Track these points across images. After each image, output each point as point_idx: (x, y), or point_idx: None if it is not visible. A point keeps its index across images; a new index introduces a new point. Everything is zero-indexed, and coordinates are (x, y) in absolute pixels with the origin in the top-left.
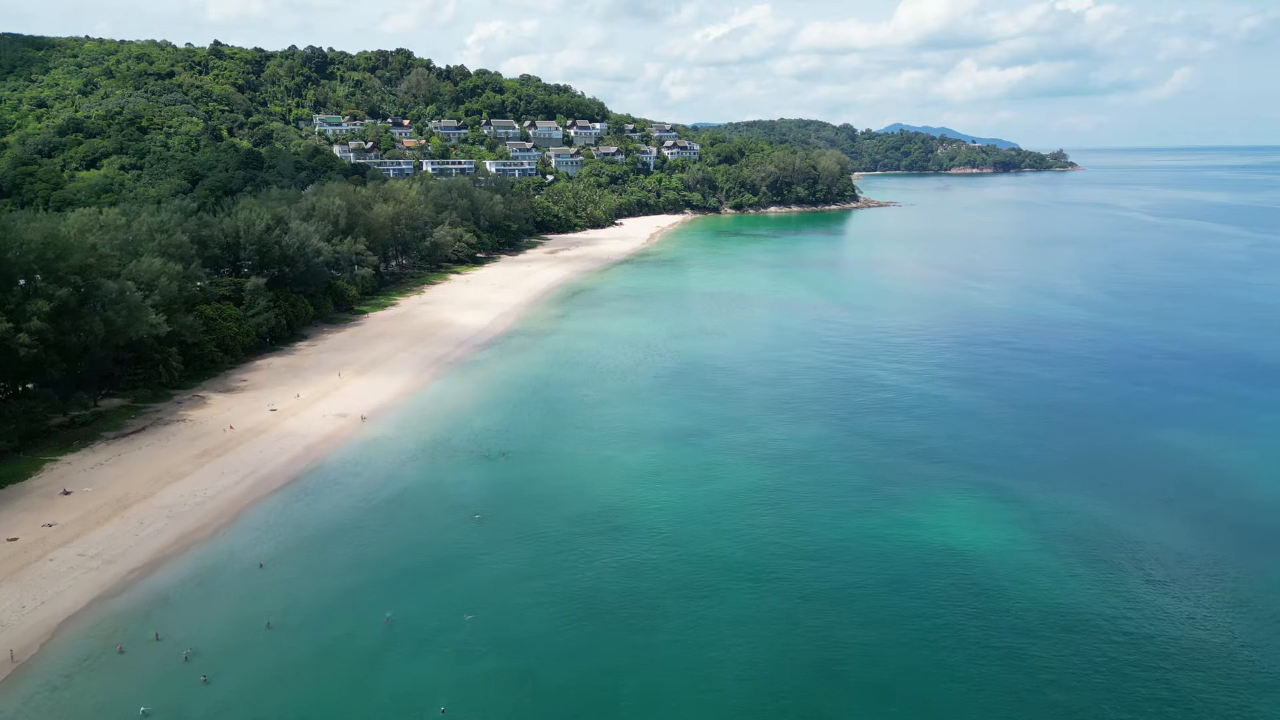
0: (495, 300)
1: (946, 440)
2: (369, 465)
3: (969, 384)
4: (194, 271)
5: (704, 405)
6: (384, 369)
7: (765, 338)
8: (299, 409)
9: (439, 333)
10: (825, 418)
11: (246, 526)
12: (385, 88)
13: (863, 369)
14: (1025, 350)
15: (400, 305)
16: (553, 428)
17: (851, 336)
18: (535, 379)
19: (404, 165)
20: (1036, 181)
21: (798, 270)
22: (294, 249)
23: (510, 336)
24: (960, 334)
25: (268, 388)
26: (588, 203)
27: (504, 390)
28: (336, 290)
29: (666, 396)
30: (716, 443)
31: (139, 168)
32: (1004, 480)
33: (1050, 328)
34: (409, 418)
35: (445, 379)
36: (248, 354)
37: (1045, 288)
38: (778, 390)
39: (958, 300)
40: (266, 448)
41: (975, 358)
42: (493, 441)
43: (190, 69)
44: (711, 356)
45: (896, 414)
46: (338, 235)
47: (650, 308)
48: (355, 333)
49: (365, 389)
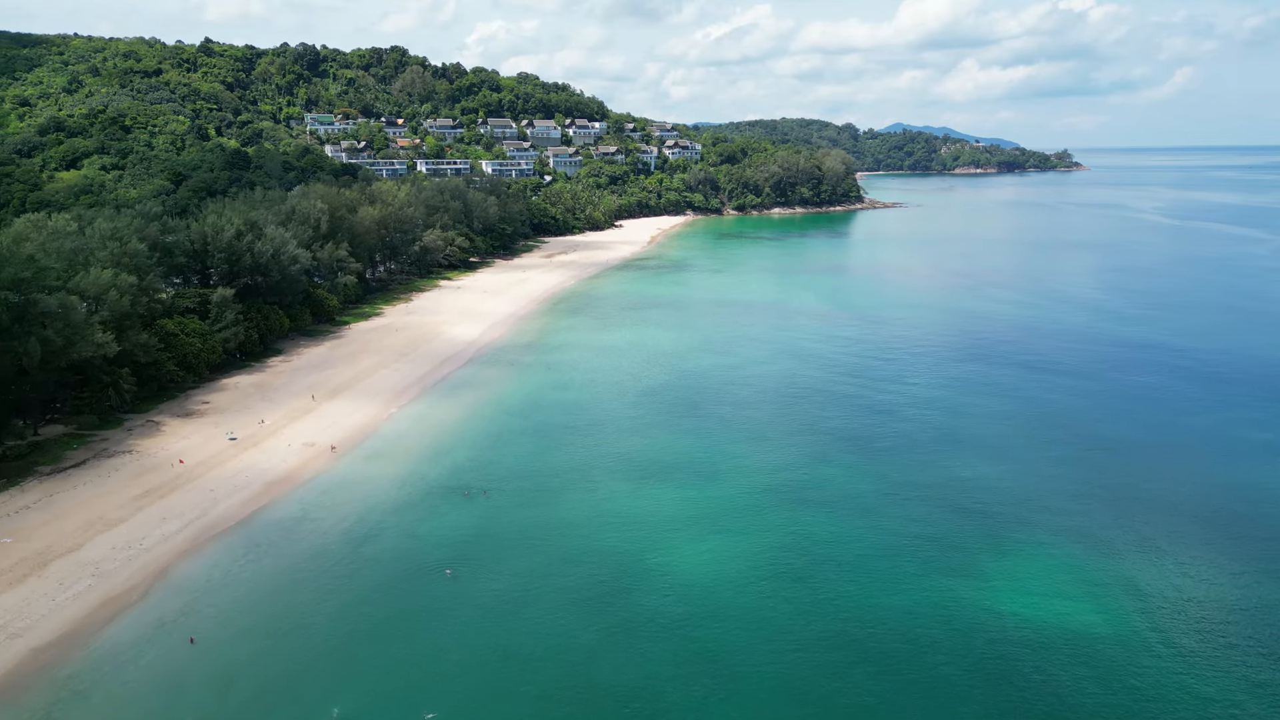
0: (486, 310)
1: (1006, 483)
2: (333, 508)
3: (1011, 418)
4: (151, 283)
5: (712, 437)
6: (361, 389)
7: (778, 356)
8: (262, 437)
9: (424, 346)
10: (851, 456)
11: (183, 587)
12: (379, 86)
13: (887, 394)
14: (1069, 374)
15: (385, 315)
16: (542, 461)
17: (871, 354)
18: (524, 402)
19: (397, 165)
20: (1042, 182)
21: (806, 277)
22: (267, 256)
23: (500, 351)
24: (992, 353)
25: (231, 411)
26: (586, 204)
27: (490, 414)
28: (315, 300)
29: (670, 426)
30: (730, 486)
31: (121, 168)
32: (1095, 532)
33: (1091, 347)
34: (384, 447)
35: (427, 400)
36: (213, 372)
37: (1075, 298)
38: (795, 419)
39: (982, 313)
40: (219, 486)
41: (1012, 382)
42: (475, 476)
43: (178, 66)
44: (718, 378)
45: (936, 450)
46: (319, 241)
47: (651, 319)
48: (334, 347)
49: (339, 413)
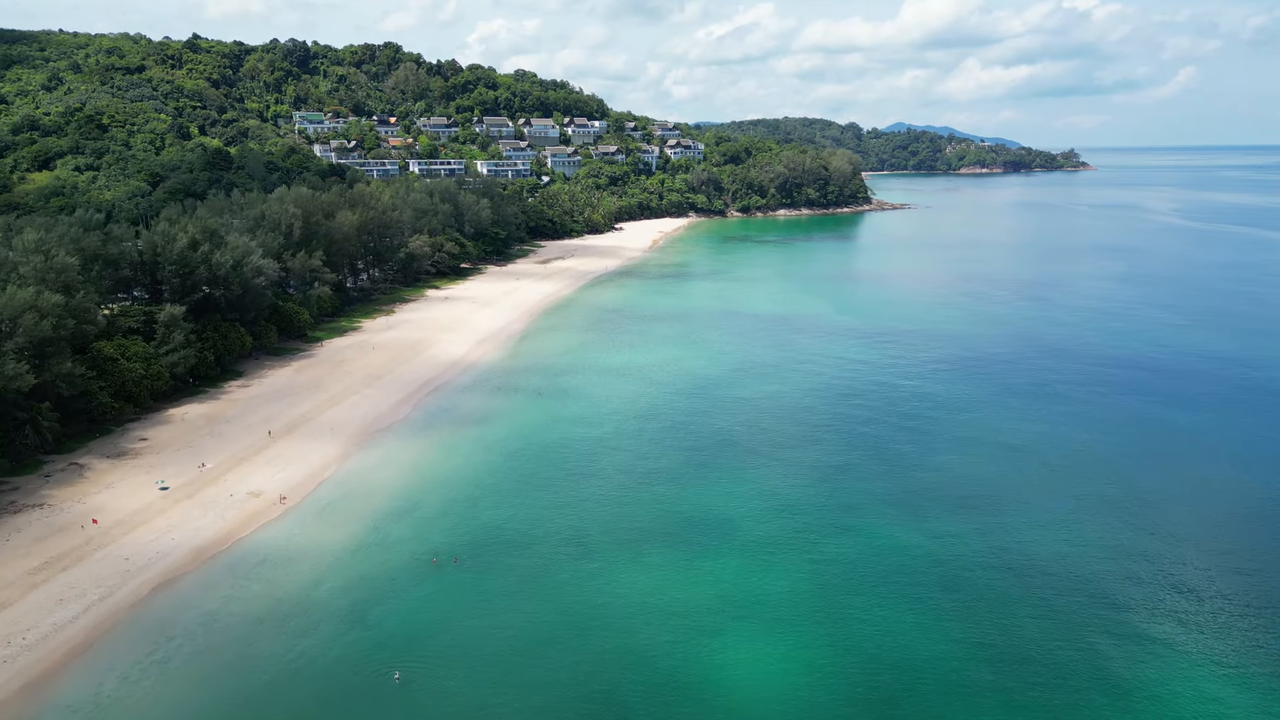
0: (474, 323)
1: (1110, 566)
2: (271, 583)
3: (1109, 465)
4: (84, 302)
5: (738, 489)
6: (325, 422)
7: (802, 380)
8: (200, 485)
9: (401, 368)
10: (900, 515)
11: (63, 707)
12: (372, 83)
13: (947, 432)
14: (1134, 393)
15: (363, 330)
16: (528, 518)
17: (911, 380)
18: (510, 439)
19: (389, 166)
20: (1050, 182)
21: (820, 285)
22: (226, 268)
23: (486, 373)
24: (1044, 377)
25: (170, 451)
26: (585, 206)
27: (469, 455)
28: (284, 315)
29: (686, 474)
30: (771, 560)
31: (96, 169)
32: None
33: (1149, 366)
34: (342, 497)
35: (398, 436)
36: (159, 401)
37: (1116, 309)
38: (822, 462)
39: (1020, 324)
40: (137, 553)
41: (1069, 414)
42: (446, 537)
43: (163, 63)
44: (739, 409)
45: (1037, 511)
46: (290, 249)
47: (656, 335)
48: (302, 368)
49: (295, 452)
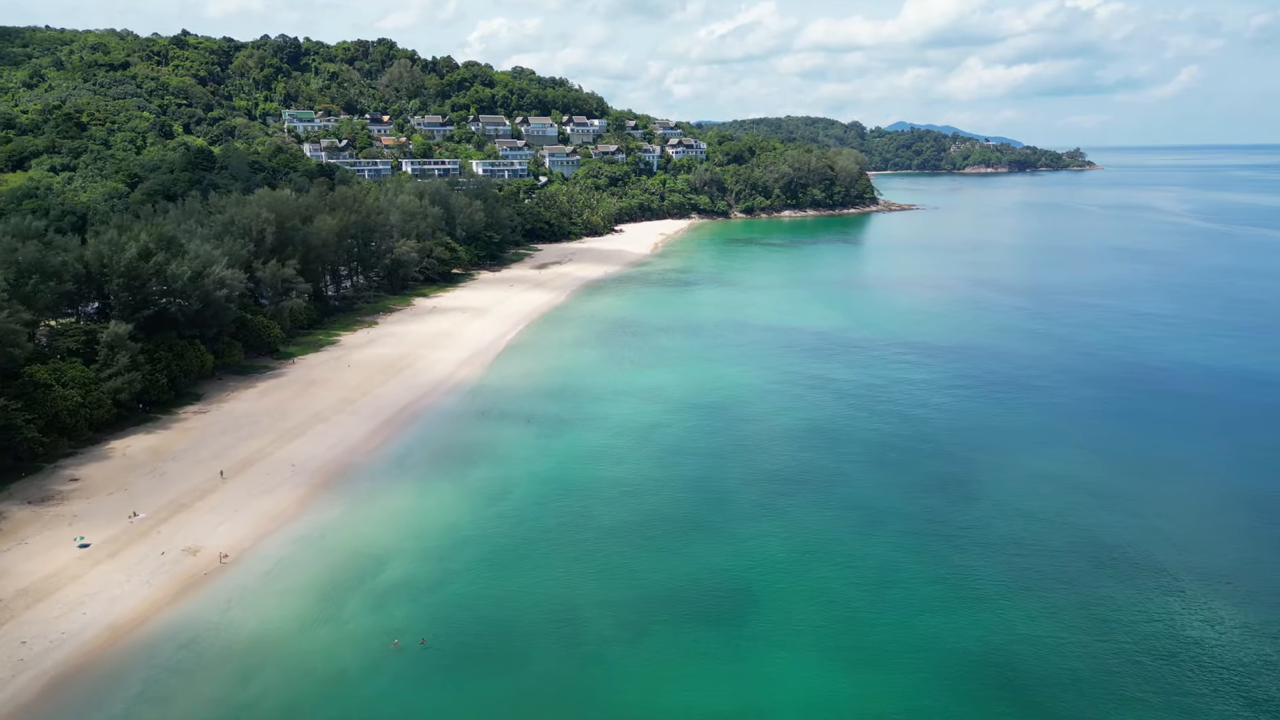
0: (462, 336)
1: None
2: (192, 674)
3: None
4: (7, 324)
5: (747, 546)
6: (284, 459)
7: (818, 404)
8: (128, 541)
9: (378, 389)
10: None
11: None
12: (365, 81)
13: (989, 475)
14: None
15: (341, 344)
16: (508, 584)
17: (945, 403)
18: (493, 480)
19: (381, 166)
20: (1057, 182)
21: (831, 293)
22: (184, 280)
23: (470, 396)
24: (1117, 403)
25: (101, 495)
26: (584, 207)
27: (445, 501)
28: (252, 330)
29: (687, 525)
30: (779, 654)
31: (72, 169)
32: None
33: (1219, 392)
34: (296, 556)
35: (367, 477)
36: (100, 431)
37: (1158, 319)
38: (863, 519)
39: (1063, 338)
40: (37, 633)
41: (1134, 447)
42: (412, 607)
43: (148, 59)
44: (750, 445)
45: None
46: (262, 257)
47: (658, 350)
48: (269, 390)
49: (247, 497)
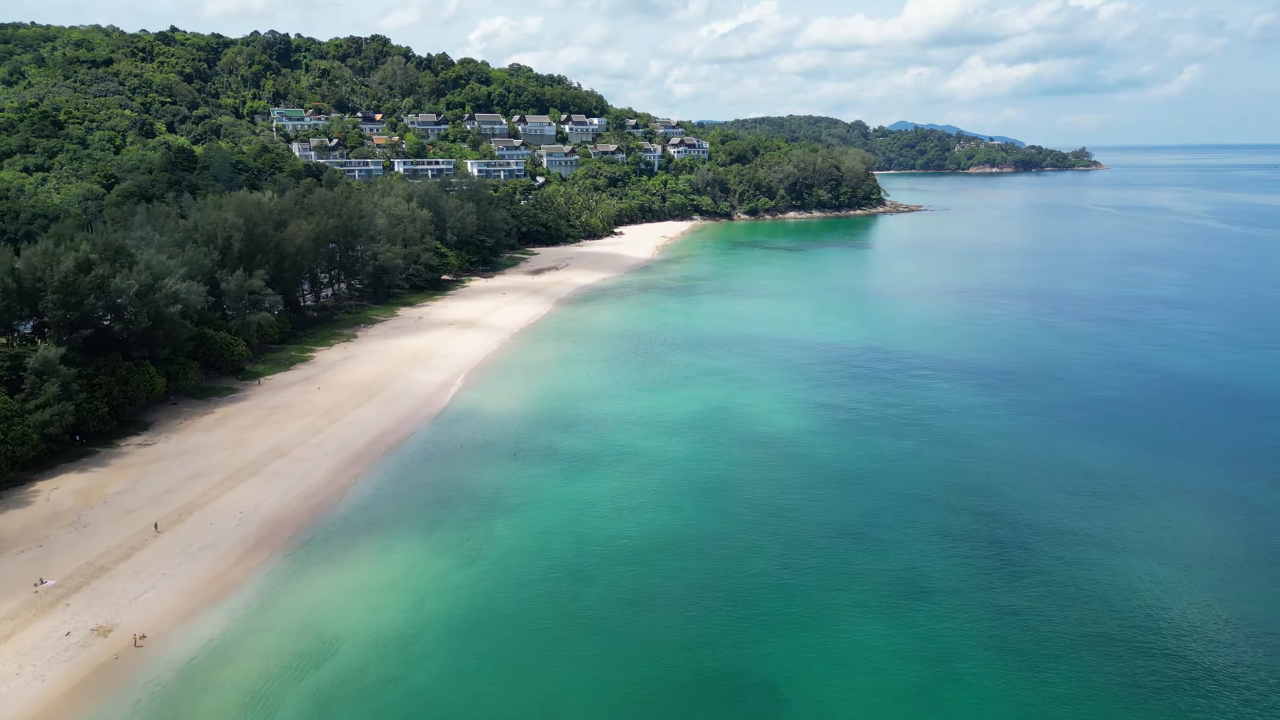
0: (447, 351)
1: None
2: None
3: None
4: None
5: (769, 631)
6: (230, 507)
7: (852, 439)
8: (27, 620)
9: (352, 414)
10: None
11: None
12: (357, 78)
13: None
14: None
15: (315, 361)
16: (479, 689)
17: (1000, 437)
18: (467, 539)
19: (372, 165)
20: (1064, 182)
21: (848, 303)
22: (129, 295)
23: (453, 423)
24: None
25: (9, 555)
26: (582, 209)
27: (411, 567)
28: (212, 348)
29: (699, 611)
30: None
31: (46, 169)
32: None
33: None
34: (227, 637)
35: (321, 538)
36: (27, 470)
37: (1220, 337)
38: (931, 609)
39: (1138, 363)
40: None
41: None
42: (358, 713)
43: (132, 56)
44: (775, 497)
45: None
46: (227, 267)
47: (664, 369)
48: (227, 416)
49: (181, 557)
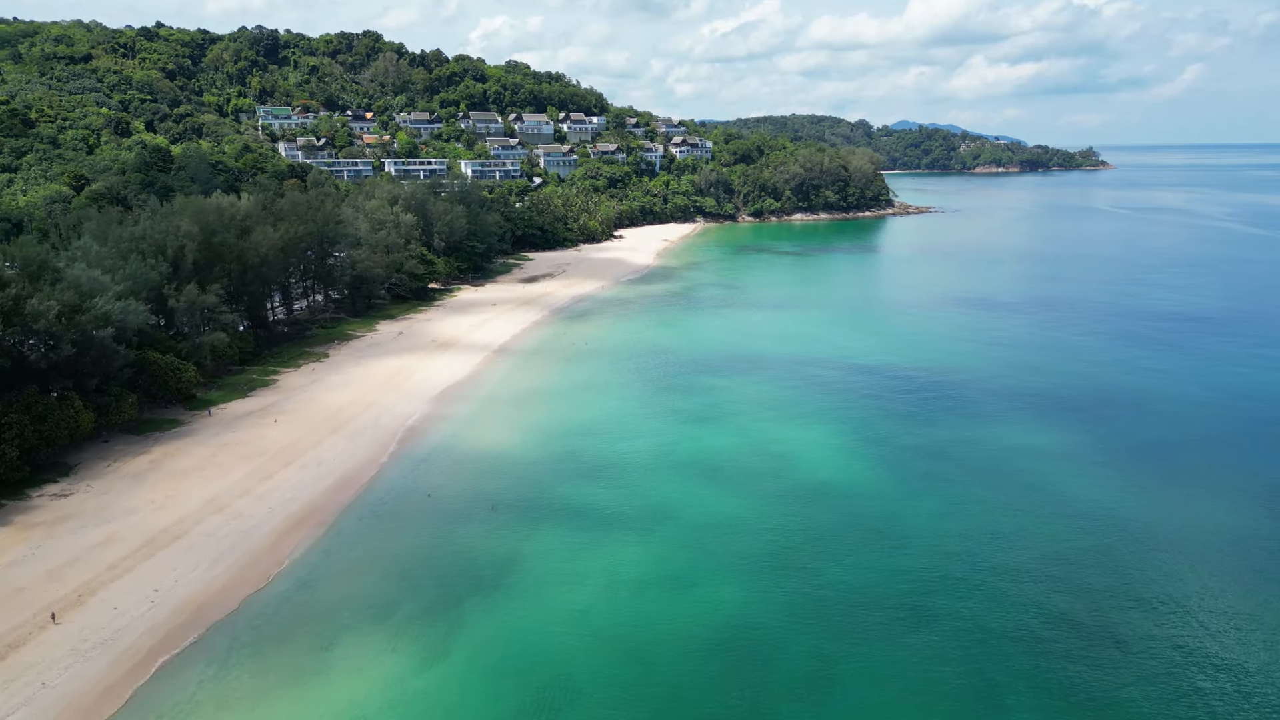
0: (425, 374)
1: None
2: None
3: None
4: None
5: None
6: (144, 584)
7: (899, 491)
8: None
9: (310, 453)
10: None
11: None
12: (347, 75)
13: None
14: None
15: (278, 386)
16: None
17: (1086, 482)
18: (423, 635)
19: (362, 166)
20: (1072, 182)
21: (865, 315)
22: (48, 318)
23: (421, 465)
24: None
25: None
26: (580, 211)
27: (350, 687)
28: (155, 374)
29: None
30: None
31: (14, 170)
32: None
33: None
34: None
35: (247, 629)
36: None
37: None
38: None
39: (1213, 384)
40: None
41: None
42: None
43: (113, 52)
44: (806, 581)
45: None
46: (177, 281)
47: (668, 394)
48: (164, 457)
49: (63, 667)
